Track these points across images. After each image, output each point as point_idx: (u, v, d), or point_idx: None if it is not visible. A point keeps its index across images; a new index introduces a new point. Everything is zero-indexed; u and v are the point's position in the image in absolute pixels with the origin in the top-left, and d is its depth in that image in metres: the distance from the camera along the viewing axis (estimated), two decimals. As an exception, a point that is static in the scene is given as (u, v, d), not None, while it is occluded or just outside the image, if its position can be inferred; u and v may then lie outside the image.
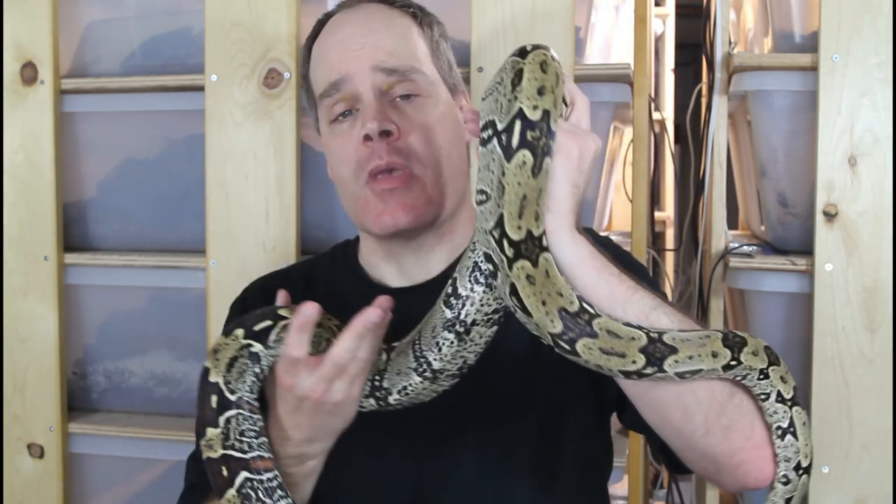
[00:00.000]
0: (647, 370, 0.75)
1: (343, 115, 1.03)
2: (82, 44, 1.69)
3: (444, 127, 1.03)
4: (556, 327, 0.74)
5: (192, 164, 1.63)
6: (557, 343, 0.75)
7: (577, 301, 0.75)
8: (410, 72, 1.02)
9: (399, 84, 1.01)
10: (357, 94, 1.01)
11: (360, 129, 0.99)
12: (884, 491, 1.40)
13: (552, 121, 0.74)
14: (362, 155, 1.00)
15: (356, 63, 1.01)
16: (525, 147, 0.73)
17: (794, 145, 1.50)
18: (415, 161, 1.00)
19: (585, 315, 0.75)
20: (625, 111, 1.60)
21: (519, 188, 0.73)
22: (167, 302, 1.69)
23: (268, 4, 1.52)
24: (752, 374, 0.82)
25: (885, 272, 1.39)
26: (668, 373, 0.76)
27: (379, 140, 0.98)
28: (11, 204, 1.66)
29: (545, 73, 0.74)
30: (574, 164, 0.77)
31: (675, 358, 0.76)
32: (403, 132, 0.99)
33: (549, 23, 1.43)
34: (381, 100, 1.00)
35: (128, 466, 1.73)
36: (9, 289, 1.66)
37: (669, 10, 2.65)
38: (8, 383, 1.67)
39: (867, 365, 1.40)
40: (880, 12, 1.38)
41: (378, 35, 1.02)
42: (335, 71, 1.02)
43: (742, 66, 1.49)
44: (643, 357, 0.75)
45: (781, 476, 0.87)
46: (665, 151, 2.53)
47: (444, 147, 1.02)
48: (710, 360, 0.77)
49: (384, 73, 1.01)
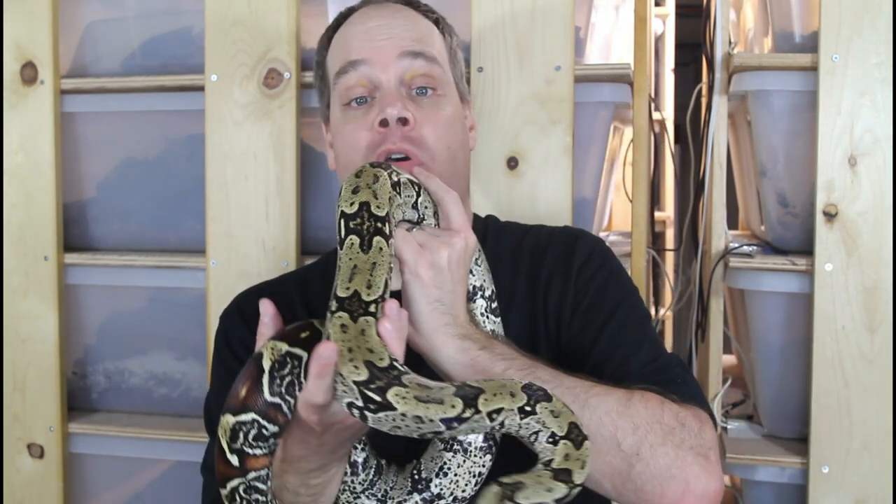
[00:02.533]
0: (465, 414, 0.74)
1: (357, 102, 1.03)
2: (82, 44, 1.69)
3: (454, 127, 1.05)
4: (360, 375, 0.73)
5: (192, 164, 1.63)
6: (365, 395, 0.73)
7: (388, 359, 0.75)
8: (433, 60, 1.04)
9: (421, 76, 1.03)
10: (377, 81, 1.02)
11: (378, 114, 1.00)
12: (884, 491, 1.40)
13: (375, 207, 0.83)
14: (375, 139, 1.00)
15: (381, 52, 1.02)
16: (351, 233, 0.83)
17: (794, 145, 1.50)
18: (425, 152, 1.01)
19: (395, 371, 0.74)
20: (625, 111, 1.60)
21: (350, 261, 0.81)
22: (167, 302, 1.69)
23: (268, 4, 1.52)
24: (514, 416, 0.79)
25: (885, 272, 1.39)
26: (481, 413, 0.75)
27: (395, 127, 0.99)
28: (11, 204, 1.66)
29: (359, 178, 0.86)
30: (428, 282, 0.85)
31: (485, 397, 0.76)
32: (419, 123, 1.01)
33: (549, 23, 1.43)
34: (400, 91, 1.02)
35: (128, 466, 1.73)
36: (9, 289, 1.66)
37: (669, 10, 2.65)
38: (8, 383, 1.67)
39: (867, 365, 1.40)
40: (880, 12, 1.38)
41: (404, 27, 1.04)
42: (356, 52, 1.03)
43: (742, 66, 1.49)
44: (460, 401, 0.74)
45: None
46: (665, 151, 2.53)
47: (452, 146, 1.04)
48: (510, 400, 0.77)
49: (410, 57, 1.02)
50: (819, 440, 1.42)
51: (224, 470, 0.80)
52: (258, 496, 0.81)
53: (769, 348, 1.54)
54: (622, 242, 1.87)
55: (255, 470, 0.80)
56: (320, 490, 0.88)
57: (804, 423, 1.46)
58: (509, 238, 1.12)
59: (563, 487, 0.77)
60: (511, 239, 1.11)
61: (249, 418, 0.79)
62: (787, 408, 1.54)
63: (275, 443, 0.81)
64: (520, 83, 1.44)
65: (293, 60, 1.52)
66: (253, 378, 0.79)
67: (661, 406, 0.87)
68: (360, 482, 0.91)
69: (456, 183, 1.04)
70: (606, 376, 0.92)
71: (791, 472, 1.49)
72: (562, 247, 1.07)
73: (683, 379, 0.95)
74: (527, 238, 1.11)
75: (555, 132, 1.44)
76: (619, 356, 0.97)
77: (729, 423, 1.62)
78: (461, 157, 1.06)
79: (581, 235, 1.10)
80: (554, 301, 1.03)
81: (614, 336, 0.99)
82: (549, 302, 1.04)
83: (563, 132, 1.44)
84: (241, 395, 0.78)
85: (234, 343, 1.09)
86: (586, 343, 1.00)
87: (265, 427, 0.79)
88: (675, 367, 0.97)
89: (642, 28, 1.54)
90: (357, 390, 0.73)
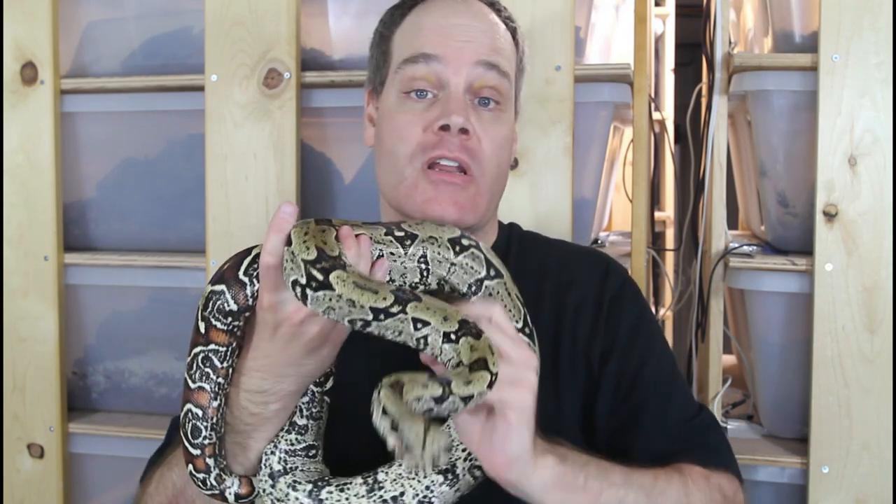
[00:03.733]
0: (393, 309, 0.79)
1: (418, 95, 1.01)
2: (82, 44, 1.69)
3: (506, 143, 1.05)
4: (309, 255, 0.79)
5: (192, 164, 1.63)
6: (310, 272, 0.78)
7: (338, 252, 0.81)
8: (505, 74, 1.03)
9: (489, 87, 1.01)
10: (446, 81, 1.00)
11: (439, 116, 0.98)
12: (884, 491, 1.40)
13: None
14: (430, 140, 0.99)
15: (459, 54, 1.00)
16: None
17: (794, 145, 1.50)
18: (478, 166, 1.00)
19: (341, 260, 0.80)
20: (625, 111, 1.60)
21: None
22: (167, 302, 1.69)
23: (268, 4, 1.52)
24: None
25: (885, 272, 1.39)
26: (408, 315, 0.79)
27: (455, 134, 0.98)
28: (11, 204, 1.66)
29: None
30: (527, 414, 0.81)
31: (416, 305, 0.80)
32: (478, 135, 1.00)
33: (549, 23, 1.43)
34: (466, 99, 1.00)
35: (128, 466, 1.73)
36: (9, 289, 1.66)
37: (669, 10, 2.65)
38: (8, 383, 1.67)
39: (867, 365, 1.40)
40: (880, 12, 1.38)
41: (486, 33, 1.03)
42: (432, 46, 1.01)
43: (742, 66, 1.49)
44: (392, 297, 0.79)
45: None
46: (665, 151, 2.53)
47: (502, 163, 1.03)
48: (441, 321, 0.80)
49: (485, 67, 1.01)
50: (819, 440, 1.42)
51: (193, 336, 0.90)
52: (209, 370, 0.89)
53: (769, 348, 1.54)
54: (622, 242, 1.87)
55: (215, 343, 0.89)
56: (254, 423, 0.90)
57: (804, 423, 1.46)
58: (532, 254, 1.12)
59: (487, 375, 0.78)
60: (534, 257, 1.11)
61: (220, 289, 0.87)
62: (787, 408, 1.54)
63: (233, 324, 0.88)
64: (520, 83, 1.44)
65: (293, 60, 1.52)
66: (238, 259, 0.88)
67: (708, 483, 0.95)
68: (287, 440, 0.93)
69: (497, 199, 1.06)
70: (643, 426, 0.98)
71: (791, 472, 1.49)
72: (590, 274, 1.08)
73: (717, 445, 1.01)
74: (550, 257, 1.11)
75: (555, 132, 1.44)
76: (655, 408, 1.01)
77: (729, 423, 1.62)
78: (504, 173, 1.06)
79: (610, 264, 1.11)
80: (584, 334, 1.04)
81: (648, 385, 1.02)
82: (578, 333, 1.04)
83: (563, 132, 1.44)
84: (224, 268, 0.88)
85: None
86: (623, 389, 1.02)
87: (227, 301, 0.87)
88: (708, 428, 1.03)
89: (642, 28, 1.55)
90: (303, 268, 0.79)
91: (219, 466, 0.91)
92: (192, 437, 0.90)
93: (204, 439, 0.90)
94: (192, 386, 0.90)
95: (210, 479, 0.90)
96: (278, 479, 0.92)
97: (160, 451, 1.09)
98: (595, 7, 1.63)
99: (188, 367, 0.90)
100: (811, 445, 1.43)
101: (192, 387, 0.90)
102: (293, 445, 0.93)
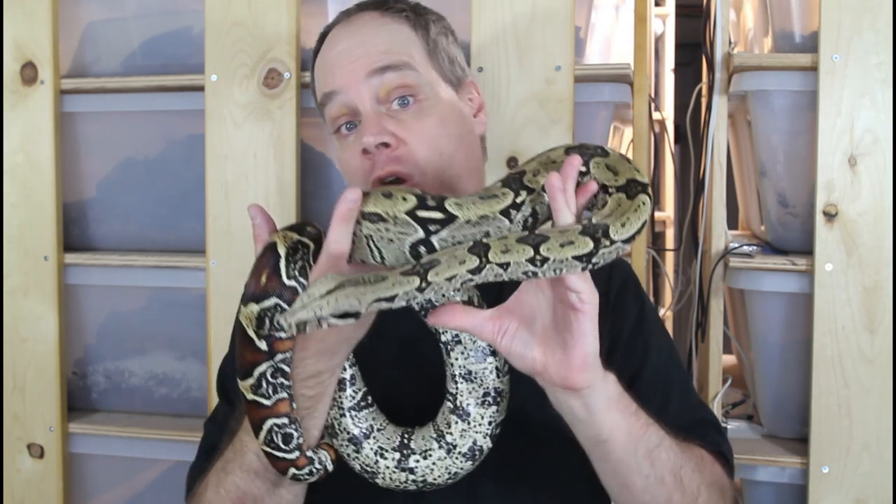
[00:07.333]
0: (518, 199, 0.81)
1: (347, 128, 1.04)
2: (82, 44, 1.69)
3: (445, 129, 1.03)
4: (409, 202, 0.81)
5: (192, 164, 1.63)
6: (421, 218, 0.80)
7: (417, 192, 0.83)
8: (405, 66, 1.02)
9: (395, 89, 1.01)
10: (354, 106, 1.02)
11: (359, 142, 1.00)
12: (884, 491, 1.40)
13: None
14: (365, 167, 1.00)
15: (351, 76, 1.01)
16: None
17: (794, 145, 1.50)
18: (414, 168, 1.00)
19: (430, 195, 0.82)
20: (625, 111, 1.60)
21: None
22: (167, 302, 1.69)
23: (268, 4, 1.52)
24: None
25: (885, 272, 1.39)
26: (528, 199, 0.82)
27: (378, 152, 0.99)
28: (11, 204, 1.66)
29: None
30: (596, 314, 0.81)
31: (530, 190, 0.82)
32: (401, 142, 1.00)
33: (549, 23, 1.43)
34: (379, 111, 1.01)
35: (128, 466, 1.73)
36: (9, 289, 1.66)
37: (669, 10, 2.65)
38: (8, 383, 1.67)
39: (867, 365, 1.40)
40: (880, 12, 1.38)
41: (370, 44, 1.03)
42: (330, 83, 1.04)
43: (742, 66, 1.49)
44: (511, 193, 0.81)
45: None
46: (665, 151, 2.53)
47: (445, 150, 1.02)
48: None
49: (378, 74, 1.01)
50: (819, 440, 1.42)
51: (251, 357, 0.86)
52: (283, 379, 0.87)
53: (769, 348, 1.54)
54: (622, 242, 1.87)
55: (282, 352, 0.86)
56: (312, 405, 0.90)
57: (804, 423, 1.46)
58: None
59: (589, 242, 0.76)
60: None
61: (272, 303, 0.83)
62: (787, 408, 1.54)
63: None
64: (520, 83, 1.44)
65: (293, 60, 1.52)
66: (271, 265, 0.84)
67: (713, 467, 0.98)
68: (347, 397, 0.93)
69: (464, 181, 1.04)
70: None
71: (791, 472, 1.49)
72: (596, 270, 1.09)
73: (716, 441, 1.03)
74: None
75: (555, 132, 1.44)
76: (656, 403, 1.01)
77: (729, 423, 1.61)
78: (461, 154, 1.04)
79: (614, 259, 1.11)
80: None
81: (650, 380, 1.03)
82: None
83: (563, 132, 1.44)
84: (262, 281, 0.83)
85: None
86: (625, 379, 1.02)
87: (286, 310, 0.82)
88: (707, 423, 1.05)
89: (642, 28, 1.55)
90: (413, 220, 0.80)
91: (313, 452, 0.92)
92: (285, 444, 0.89)
93: (298, 439, 0.89)
94: (268, 403, 0.87)
95: (314, 466, 0.91)
96: (362, 443, 0.94)
97: (202, 460, 1.08)
98: (595, 7, 1.63)
99: (254, 389, 0.87)
100: (811, 445, 1.43)
101: (267, 404, 0.87)
102: (354, 399, 0.94)
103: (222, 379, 1.16)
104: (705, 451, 0.99)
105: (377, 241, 0.82)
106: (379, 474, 0.95)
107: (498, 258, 0.77)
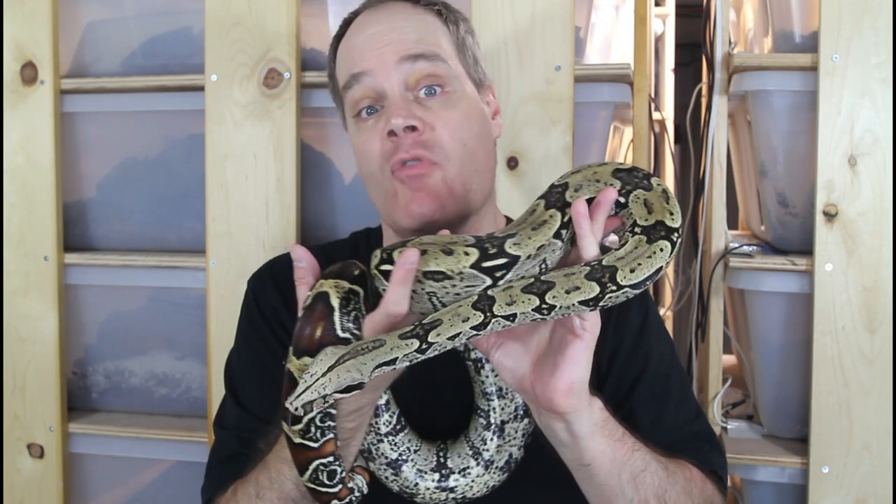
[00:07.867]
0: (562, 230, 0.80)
1: (367, 112, 1.03)
2: (82, 44, 1.69)
3: (469, 123, 1.03)
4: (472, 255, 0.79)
5: (192, 164, 1.63)
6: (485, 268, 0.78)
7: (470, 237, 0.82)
8: (436, 58, 1.02)
9: (425, 77, 1.01)
10: (382, 90, 1.01)
11: (385, 125, 0.99)
12: (884, 491, 1.40)
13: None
14: (388, 149, 1.00)
15: (381, 60, 1.01)
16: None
17: (794, 145, 1.50)
18: (438, 153, 0.99)
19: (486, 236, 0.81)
20: (625, 111, 1.60)
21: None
22: (167, 302, 1.69)
23: (268, 4, 1.52)
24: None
25: (885, 272, 1.39)
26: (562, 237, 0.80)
27: (404, 135, 0.98)
28: (11, 204, 1.66)
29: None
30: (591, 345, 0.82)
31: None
32: (428, 127, 0.99)
33: (549, 23, 1.43)
34: (406, 97, 1.01)
35: (128, 466, 1.73)
36: (9, 289, 1.66)
37: (669, 10, 2.65)
38: (8, 383, 1.67)
39: (867, 365, 1.40)
40: (880, 12, 1.38)
41: (402, 30, 1.03)
42: (358, 64, 1.02)
43: (742, 66, 1.49)
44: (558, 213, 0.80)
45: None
46: (665, 151, 2.53)
47: (468, 143, 1.02)
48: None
49: (410, 61, 1.00)
50: (819, 440, 1.42)
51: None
52: (329, 422, 0.87)
53: (769, 348, 1.54)
54: (622, 242, 1.87)
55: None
56: (352, 435, 0.91)
57: (804, 423, 1.46)
58: None
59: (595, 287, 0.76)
60: None
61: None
62: (787, 408, 1.54)
63: None
64: (520, 83, 1.44)
65: (293, 60, 1.52)
66: (325, 317, 0.82)
67: (703, 485, 0.99)
68: (384, 423, 0.95)
69: (480, 178, 1.04)
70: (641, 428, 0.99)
71: (791, 472, 1.49)
72: None
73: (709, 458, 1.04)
74: None
75: (555, 132, 1.44)
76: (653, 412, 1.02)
77: (729, 423, 1.62)
78: (480, 152, 1.04)
79: None
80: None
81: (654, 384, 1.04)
82: None
83: (563, 132, 1.44)
84: (315, 335, 0.82)
85: (266, 309, 1.11)
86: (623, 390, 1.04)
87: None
88: (702, 436, 1.06)
89: (642, 28, 1.54)
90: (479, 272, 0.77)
91: (350, 477, 0.92)
92: (329, 480, 0.89)
93: (342, 473, 0.90)
94: (316, 445, 0.87)
95: (354, 495, 0.92)
96: (401, 466, 0.95)
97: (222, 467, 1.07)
98: (595, 7, 1.63)
99: (302, 434, 0.86)
100: (811, 445, 1.43)
101: (315, 447, 0.87)
102: (391, 424, 0.95)
103: (229, 372, 1.15)
104: (696, 469, 0.99)
105: (441, 297, 0.80)
106: (419, 495, 0.96)
107: (503, 311, 0.77)
